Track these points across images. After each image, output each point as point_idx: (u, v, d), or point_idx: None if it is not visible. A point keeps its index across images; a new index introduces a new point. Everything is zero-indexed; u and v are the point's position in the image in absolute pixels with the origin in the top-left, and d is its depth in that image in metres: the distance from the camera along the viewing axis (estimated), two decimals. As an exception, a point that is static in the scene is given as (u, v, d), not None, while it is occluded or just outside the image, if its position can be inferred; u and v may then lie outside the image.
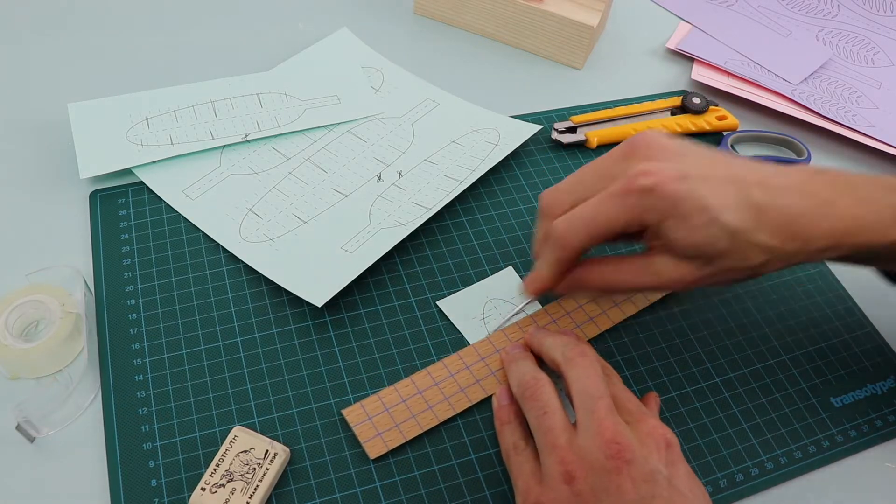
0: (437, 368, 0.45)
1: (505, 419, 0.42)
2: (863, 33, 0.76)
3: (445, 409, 0.44)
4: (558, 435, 0.37)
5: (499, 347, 0.47)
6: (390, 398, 0.44)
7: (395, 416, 0.43)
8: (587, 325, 0.49)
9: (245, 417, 0.43)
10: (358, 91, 0.62)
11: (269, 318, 0.48)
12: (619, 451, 0.35)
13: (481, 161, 0.56)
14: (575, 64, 0.68)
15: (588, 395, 0.38)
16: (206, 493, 0.39)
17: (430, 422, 0.43)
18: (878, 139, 0.64)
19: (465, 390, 0.45)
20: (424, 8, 0.70)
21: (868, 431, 0.46)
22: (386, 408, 0.43)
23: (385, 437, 0.42)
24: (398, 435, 0.43)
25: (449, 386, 0.45)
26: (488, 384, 0.45)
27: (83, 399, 0.43)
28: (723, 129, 0.63)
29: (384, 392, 0.44)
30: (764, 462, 0.44)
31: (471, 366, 0.46)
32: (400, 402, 0.44)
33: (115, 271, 0.49)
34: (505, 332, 0.47)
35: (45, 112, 0.57)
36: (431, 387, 0.45)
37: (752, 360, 0.49)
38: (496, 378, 0.45)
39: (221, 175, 0.54)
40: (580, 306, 0.49)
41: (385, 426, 0.43)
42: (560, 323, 0.48)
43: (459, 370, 0.45)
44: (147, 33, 0.65)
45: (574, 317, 0.49)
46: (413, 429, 0.43)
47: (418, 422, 0.43)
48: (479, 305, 0.49)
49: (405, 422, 0.43)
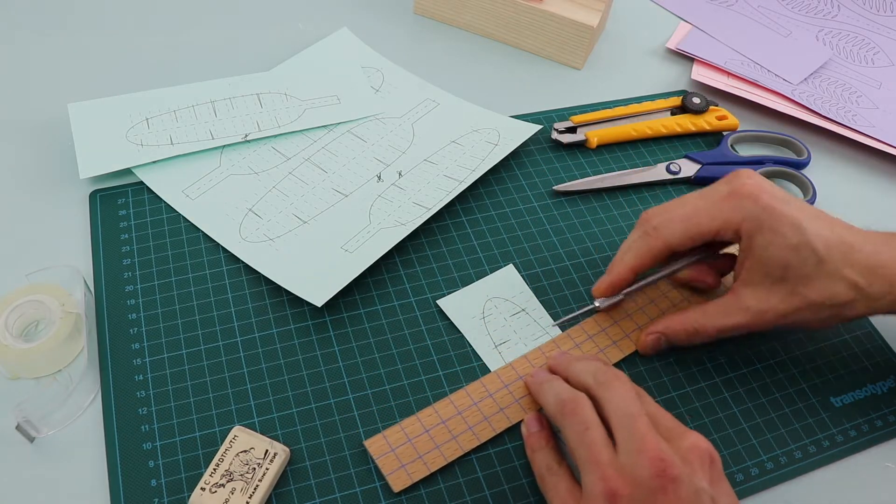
0: (460, 396, 0.44)
1: (536, 445, 0.41)
2: (863, 33, 0.76)
3: (470, 439, 0.42)
4: (600, 450, 0.36)
5: (521, 374, 0.45)
6: (413, 428, 0.43)
7: (418, 446, 0.42)
8: (610, 348, 0.47)
9: (245, 417, 0.43)
10: (358, 91, 0.62)
11: (268, 318, 0.48)
12: (664, 468, 0.34)
13: (481, 161, 0.56)
14: (575, 64, 0.68)
15: (625, 414, 0.37)
16: (205, 493, 0.39)
17: (454, 452, 0.42)
18: (878, 139, 0.64)
19: (490, 419, 0.43)
20: (424, 8, 0.70)
21: (868, 431, 0.46)
22: (409, 438, 0.42)
23: (409, 469, 0.41)
24: (422, 466, 0.41)
25: (473, 415, 0.43)
26: (513, 412, 0.44)
27: (83, 399, 0.43)
28: (723, 129, 0.63)
29: (406, 422, 0.43)
30: (764, 462, 0.44)
31: (494, 393, 0.44)
32: (423, 433, 0.42)
33: (115, 271, 0.49)
34: (527, 358, 0.46)
35: (45, 112, 0.57)
36: (455, 416, 0.43)
37: (752, 360, 0.49)
38: (520, 405, 0.44)
39: (221, 175, 0.54)
40: (603, 330, 0.48)
41: (408, 458, 0.41)
42: (583, 347, 0.47)
43: (483, 398, 0.44)
44: (147, 33, 0.65)
45: (597, 340, 0.48)
46: (437, 460, 0.41)
47: (442, 452, 0.42)
48: (480, 304, 0.49)
49: (429, 453, 0.42)
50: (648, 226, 0.45)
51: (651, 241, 0.44)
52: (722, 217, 0.43)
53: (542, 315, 0.49)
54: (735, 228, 0.43)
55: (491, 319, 0.48)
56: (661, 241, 0.44)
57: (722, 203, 0.43)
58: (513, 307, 0.49)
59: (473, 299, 0.49)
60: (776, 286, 0.43)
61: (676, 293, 0.50)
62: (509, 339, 0.48)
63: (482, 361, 0.47)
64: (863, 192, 0.61)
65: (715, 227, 0.43)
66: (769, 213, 0.42)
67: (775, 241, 0.42)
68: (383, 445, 0.42)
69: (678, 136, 0.63)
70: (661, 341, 0.47)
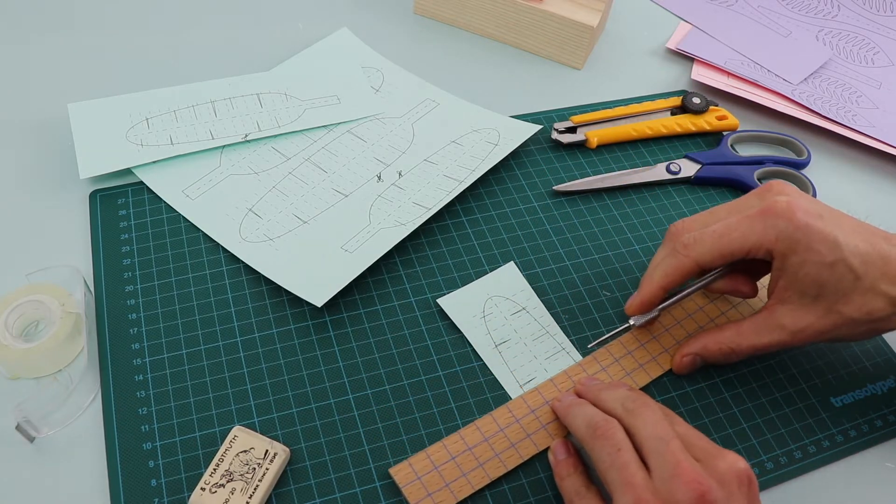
0: (487, 423, 0.43)
1: (564, 472, 0.40)
2: (863, 33, 0.76)
3: (497, 467, 0.42)
4: (634, 472, 0.35)
5: (548, 399, 0.45)
6: (439, 455, 0.42)
7: (444, 474, 0.41)
8: (637, 372, 0.47)
9: (245, 417, 0.43)
10: (358, 91, 0.62)
11: (268, 318, 0.48)
12: (702, 492, 0.33)
13: (481, 161, 0.56)
14: (575, 64, 0.68)
15: (657, 438, 0.36)
16: (205, 493, 0.39)
17: (481, 480, 0.41)
18: (878, 139, 0.64)
19: (516, 445, 0.43)
20: (424, 8, 0.70)
21: (868, 431, 0.46)
22: (435, 466, 0.41)
23: (436, 498, 0.40)
24: (449, 495, 0.40)
25: (499, 441, 0.43)
26: (539, 438, 0.43)
27: (83, 399, 0.43)
28: (723, 129, 0.63)
29: (432, 449, 0.42)
30: (764, 462, 0.44)
31: (521, 419, 0.44)
32: (449, 460, 0.42)
33: (115, 271, 0.49)
34: (553, 382, 0.45)
35: (45, 112, 0.57)
36: (481, 442, 0.42)
37: (752, 360, 0.49)
38: (547, 431, 0.43)
39: (221, 175, 0.54)
40: (629, 353, 0.47)
41: (435, 486, 0.41)
42: (609, 371, 0.46)
43: (509, 424, 0.43)
44: (147, 33, 0.65)
45: (623, 363, 0.47)
46: (464, 488, 0.41)
47: (469, 480, 0.41)
48: (480, 303, 0.49)
49: (455, 481, 0.41)
50: (678, 243, 0.44)
51: (680, 260, 0.43)
52: (754, 236, 0.42)
53: (542, 314, 0.49)
54: (768, 248, 0.42)
55: (491, 318, 0.48)
56: (691, 259, 0.43)
57: (754, 221, 0.42)
58: (513, 306, 0.49)
59: (474, 298, 0.49)
60: (812, 304, 0.42)
61: (713, 307, 0.50)
62: (510, 339, 0.48)
63: (482, 361, 0.47)
64: (863, 192, 0.61)
65: (747, 246, 0.42)
66: (804, 232, 0.41)
67: (810, 260, 0.41)
68: (409, 474, 0.41)
69: (678, 136, 0.63)
70: (697, 362, 0.46)
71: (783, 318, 0.43)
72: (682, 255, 0.43)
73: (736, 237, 0.42)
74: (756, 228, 0.42)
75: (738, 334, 0.45)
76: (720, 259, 0.43)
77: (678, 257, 0.44)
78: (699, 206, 0.57)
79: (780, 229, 0.41)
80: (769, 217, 0.42)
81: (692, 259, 0.43)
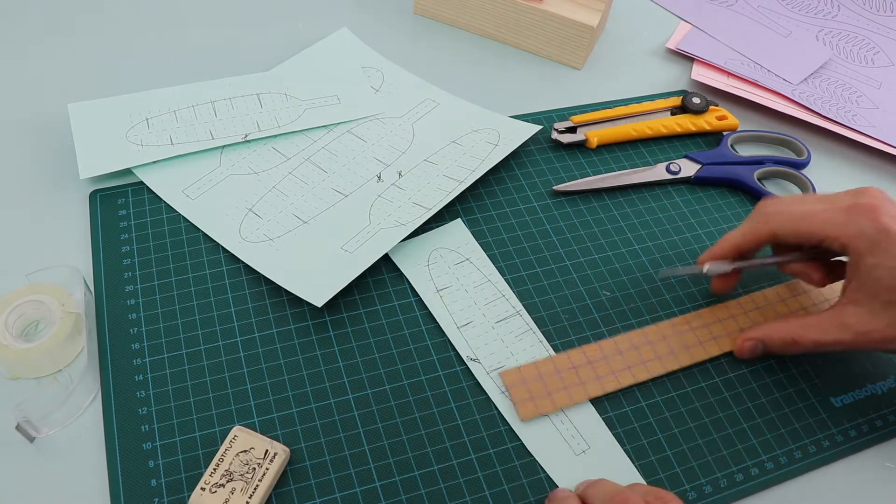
0: (592, 349, 0.48)
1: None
2: (863, 33, 0.76)
3: (595, 388, 0.46)
4: None
5: (652, 339, 0.48)
6: (546, 367, 0.46)
7: (548, 384, 0.46)
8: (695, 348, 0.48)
9: (245, 417, 0.43)
10: (358, 91, 0.62)
11: (268, 318, 0.48)
12: None
13: (481, 161, 0.56)
14: (575, 64, 0.68)
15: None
16: (205, 493, 0.39)
17: (580, 396, 0.45)
18: (878, 139, 0.64)
19: (616, 374, 0.47)
20: (424, 8, 0.70)
21: (868, 431, 0.46)
22: (541, 375, 0.46)
23: (536, 402, 0.45)
24: (549, 402, 0.45)
25: (601, 367, 0.47)
26: (638, 372, 0.47)
27: (83, 399, 0.43)
28: (723, 129, 0.63)
29: (542, 361, 0.46)
30: (764, 462, 0.44)
31: (624, 352, 0.48)
32: (555, 373, 0.46)
33: (115, 271, 0.49)
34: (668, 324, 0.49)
35: (45, 112, 0.57)
36: (585, 364, 0.47)
37: (753, 360, 0.49)
38: (646, 368, 0.47)
39: (221, 175, 0.54)
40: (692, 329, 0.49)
41: (538, 392, 0.45)
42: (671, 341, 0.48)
43: (613, 354, 0.47)
44: (147, 33, 0.65)
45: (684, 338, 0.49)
46: (563, 399, 0.45)
47: (570, 394, 0.45)
48: (425, 254, 0.51)
49: (557, 392, 0.45)
50: (761, 212, 0.46)
51: (758, 226, 0.45)
52: (835, 226, 0.42)
53: (486, 264, 0.51)
54: (844, 242, 0.42)
55: (435, 267, 0.50)
56: (768, 227, 0.45)
57: (840, 213, 0.43)
58: (457, 257, 0.51)
59: (420, 249, 0.51)
60: (882, 310, 0.42)
61: (783, 306, 0.51)
62: (451, 286, 0.50)
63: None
64: (863, 192, 0.61)
65: (824, 233, 0.43)
66: (885, 235, 0.41)
67: (885, 264, 0.41)
68: (517, 377, 0.46)
69: (678, 136, 0.63)
70: (759, 348, 0.47)
71: (850, 319, 0.43)
72: (761, 222, 0.45)
73: (816, 221, 0.43)
74: (838, 220, 0.42)
75: (802, 327, 0.45)
76: (794, 236, 0.44)
77: (756, 223, 0.46)
78: (699, 206, 0.57)
79: (861, 227, 0.42)
80: (854, 213, 0.42)
81: (769, 227, 0.45)
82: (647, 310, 0.51)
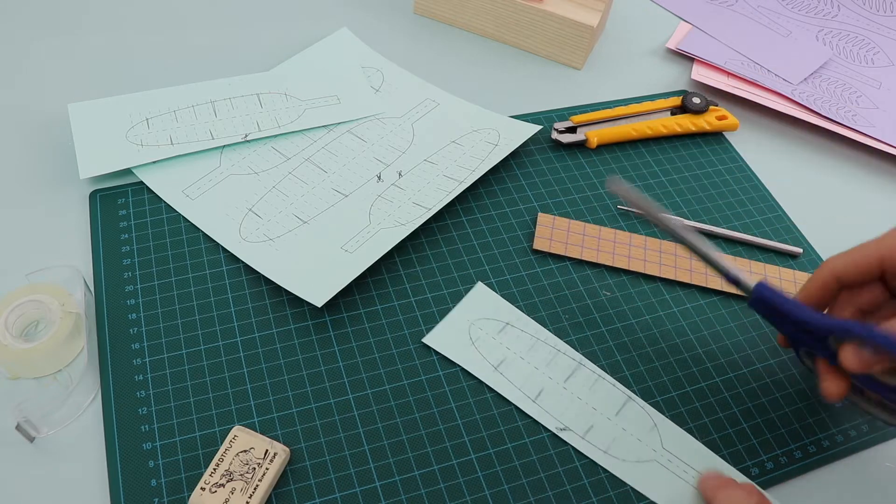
0: (622, 234, 0.54)
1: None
2: (863, 33, 0.76)
3: (607, 258, 0.52)
4: None
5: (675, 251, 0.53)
6: (575, 226, 0.54)
7: (570, 237, 0.53)
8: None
9: (245, 417, 0.43)
10: (358, 91, 0.62)
11: (268, 318, 0.48)
12: None
13: (481, 161, 0.56)
14: (575, 64, 0.68)
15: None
16: (205, 493, 0.39)
17: (590, 256, 0.52)
18: (878, 139, 0.64)
19: (631, 258, 0.53)
20: (424, 8, 0.70)
21: (868, 431, 0.46)
22: (568, 229, 0.53)
23: (552, 243, 0.52)
24: (562, 247, 0.52)
25: (622, 248, 0.53)
26: (651, 267, 0.52)
27: (83, 399, 0.43)
28: (723, 129, 0.63)
29: (575, 222, 0.54)
30: (764, 462, 0.44)
31: (647, 248, 0.53)
32: (581, 234, 0.53)
33: (115, 271, 0.49)
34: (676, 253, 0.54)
35: (45, 112, 0.57)
36: (610, 240, 0.53)
37: (753, 359, 0.49)
38: (659, 267, 0.52)
39: (221, 175, 0.54)
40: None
41: (558, 238, 0.53)
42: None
43: (639, 244, 0.54)
44: (147, 33, 0.65)
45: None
46: (575, 252, 0.52)
47: (582, 251, 0.52)
48: (465, 331, 0.48)
49: (574, 245, 0.52)
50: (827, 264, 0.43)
51: (816, 272, 0.43)
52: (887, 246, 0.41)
53: (527, 322, 0.49)
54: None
55: (480, 343, 0.48)
56: (827, 268, 0.43)
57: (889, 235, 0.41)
58: (497, 324, 0.49)
59: (456, 328, 0.48)
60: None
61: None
62: (506, 359, 0.47)
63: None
64: (863, 192, 0.61)
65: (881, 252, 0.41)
66: None
67: None
68: (549, 221, 0.54)
69: (678, 136, 0.63)
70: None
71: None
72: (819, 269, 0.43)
73: (872, 244, 0.42)
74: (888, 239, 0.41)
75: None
76: (854, 268, 0.42)
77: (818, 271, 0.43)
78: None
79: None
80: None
81: (828, 268, 0.43)
82: (647, 310, 0.51)
